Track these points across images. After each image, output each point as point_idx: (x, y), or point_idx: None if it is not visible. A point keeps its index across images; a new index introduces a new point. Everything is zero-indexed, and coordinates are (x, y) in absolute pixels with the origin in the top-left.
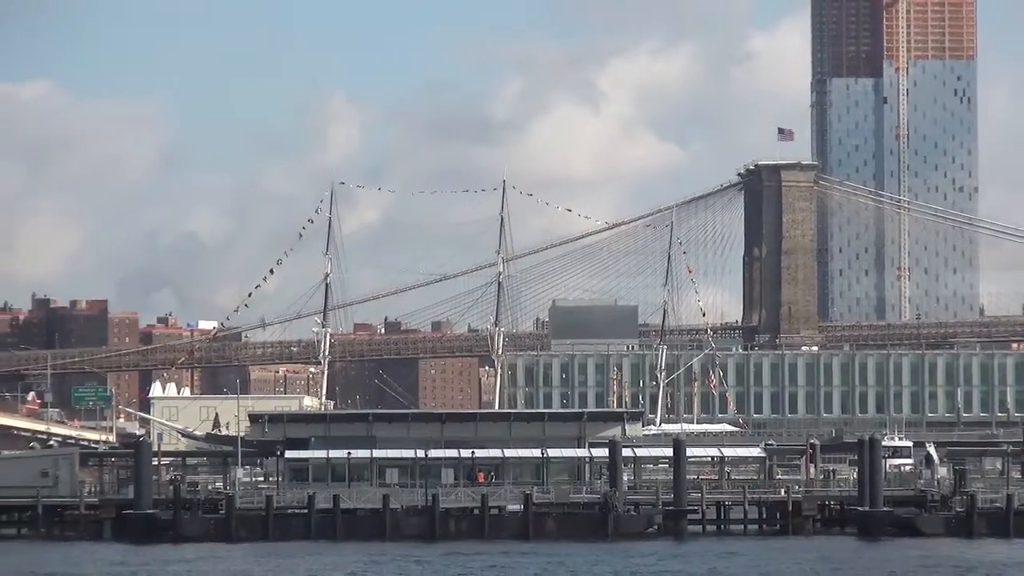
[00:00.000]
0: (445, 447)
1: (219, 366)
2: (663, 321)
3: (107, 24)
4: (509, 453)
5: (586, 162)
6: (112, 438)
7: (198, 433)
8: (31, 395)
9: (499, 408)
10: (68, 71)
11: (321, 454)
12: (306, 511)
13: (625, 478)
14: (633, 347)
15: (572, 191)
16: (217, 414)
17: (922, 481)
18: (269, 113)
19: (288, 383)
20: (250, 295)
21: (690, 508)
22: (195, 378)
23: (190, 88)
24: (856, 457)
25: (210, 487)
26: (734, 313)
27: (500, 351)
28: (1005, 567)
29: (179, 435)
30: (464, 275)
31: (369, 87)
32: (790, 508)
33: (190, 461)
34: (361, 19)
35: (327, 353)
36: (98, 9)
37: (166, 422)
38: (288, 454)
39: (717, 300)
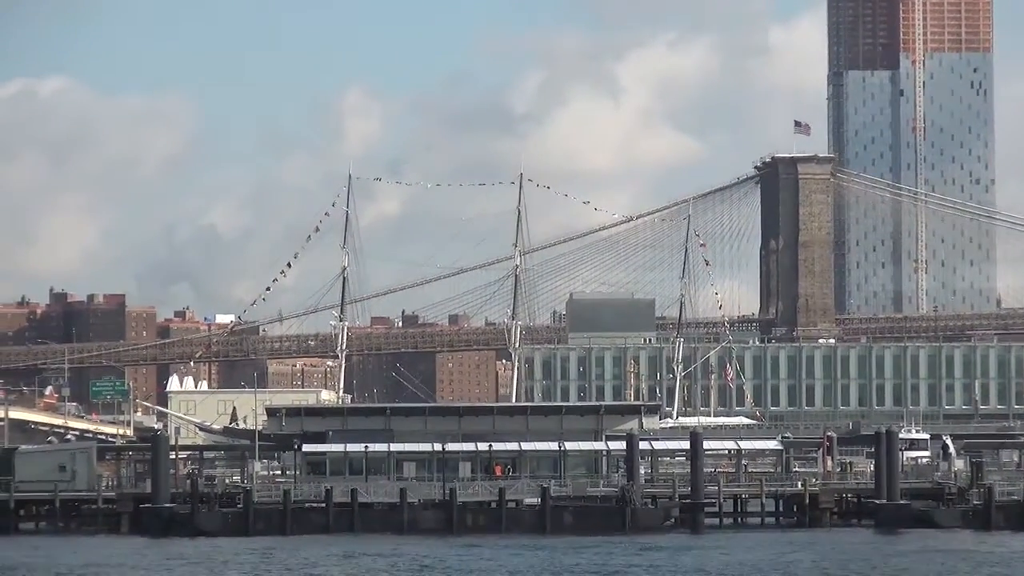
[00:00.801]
0: (462, 440)
1: (236, 360)
2: (680, 314)
3: (126, 19)
4: (526, 446)
5: (605, 155)
6: (130, 432)
7: (215, 427)
8: (49, 389)
9: (516, 401)
10: (87, 66)
11: (338, 448)
12: (324, 505)
13: (642, 471)
14: (650, 340)
15: (590, 184)
16: (234, 408)
17: (939, 474)
18: (288, 107)
19: (305, 377)
20: (268, 289)
21: (707, 501)
22: (212, 372)
23: (209, 82)
24: (873, 450)
25: (227, 481)
26: (751, 306)
27: (517, 344)
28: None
29: (197, 429)
30: (481, 268)
31: (389, 80)
32: (807, 501)
33: (207, 455)
34: (381, 12)
35: (344, 347)
36: (117, 4)
37: (184, 416)
38: (305, 448)
39: (734, 293)
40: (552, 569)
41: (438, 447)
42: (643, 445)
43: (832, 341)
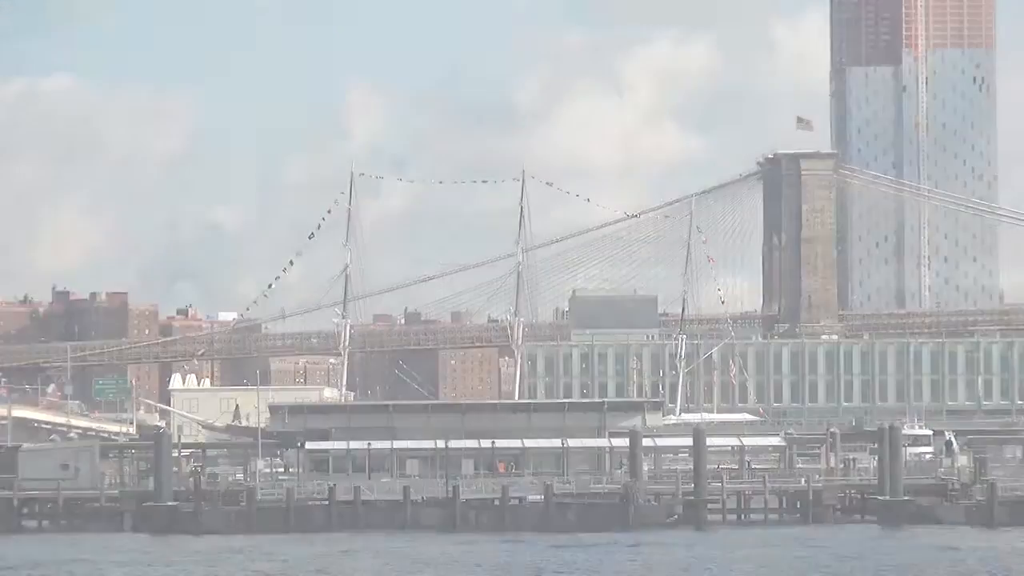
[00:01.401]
0: (465, 437)
1: (239, 358)
2: (682, 311)
3: (130, 16)
4: (529, 443)
5: (608, 151)
6: (132, 430)
7: (218, 424)
8: (51, 387)
9: (519, 398)
10: (91, 64)
11: (341, 445)
12: (327, 502)
13: (645, 468)
14: (653, 337)
15: (593, 181)
16: (237, 405)
17: (942, 470)
18: (291, 104)
19: (308, 374)
20: (270, 286)
21: (710, 498)
22: (215, 370)
23: (212, 80)
24: (876, 446)
25: (230, 479)
26: (754, 302)
27: (520, 341)
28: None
29: (199, 427)
30: (484, 265)
31: (391, 78)
32: (810, 497)
33: (210, 453)
34: (385, 8)
35: (347, 344)
36: (118, 3)
37: (186, 414)
38: (308, 445)
39: (737, 289)
40: (555, 567)
41: (441, 444)
42: (646, 442)
43: (835, 337)
